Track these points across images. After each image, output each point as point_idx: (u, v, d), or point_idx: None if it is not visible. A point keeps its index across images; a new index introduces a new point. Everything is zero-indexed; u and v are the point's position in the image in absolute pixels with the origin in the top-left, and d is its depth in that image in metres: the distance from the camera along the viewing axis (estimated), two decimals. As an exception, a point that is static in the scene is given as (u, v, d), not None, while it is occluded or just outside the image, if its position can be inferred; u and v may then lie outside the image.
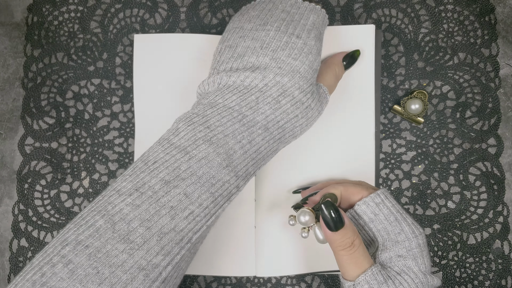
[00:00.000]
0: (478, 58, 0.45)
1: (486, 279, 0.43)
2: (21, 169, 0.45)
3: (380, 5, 0.46)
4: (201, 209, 0.29)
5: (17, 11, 0.48)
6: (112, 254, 0.26)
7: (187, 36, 0.44)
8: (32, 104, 0.46)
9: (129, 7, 0.47)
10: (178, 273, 0.30)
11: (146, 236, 0.27)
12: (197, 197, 0.28)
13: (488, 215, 0.44)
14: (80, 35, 0.47)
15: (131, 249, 0.26)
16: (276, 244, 0.42)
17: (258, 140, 0.31)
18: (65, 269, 0.25)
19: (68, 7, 0.47)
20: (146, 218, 0.27)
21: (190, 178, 0.28)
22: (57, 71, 0.46)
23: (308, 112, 0.34)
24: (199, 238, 0.30)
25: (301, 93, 0.33)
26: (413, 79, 0.46)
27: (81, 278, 0.25)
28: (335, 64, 0.40)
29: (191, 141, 0.29)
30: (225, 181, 0.30)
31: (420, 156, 0.45)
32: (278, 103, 0.32)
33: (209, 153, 0.29)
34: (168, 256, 0.28)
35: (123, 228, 0.27)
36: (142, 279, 0.26)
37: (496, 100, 0.45)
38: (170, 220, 0.28)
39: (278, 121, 0.32)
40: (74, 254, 0.26)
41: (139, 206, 0.28)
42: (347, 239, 0.32)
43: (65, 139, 0.46)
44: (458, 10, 0.46)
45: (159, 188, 0.28)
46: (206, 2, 0.47)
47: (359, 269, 0.31)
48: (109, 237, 0.27)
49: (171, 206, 0.28)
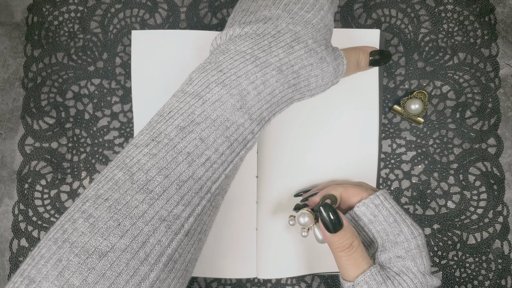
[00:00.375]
0: (478, 58, 0.45)
1: (486, 279, 0.43)
2: (21, 169, 0.46)
3: (380, 5, 0.46)
4: (217, 155, 0.28)
5: (17, 11, 0.48)
6: (132, 205, 0.26)
7: (186, 33, 0.44)
8: (32, 104, 0.46)
9: (129, 7, 0.47)
10: (201, 227, 0.29)
11: (165, 184, 0.26)
12: (212, 141, 0.28)
13: (488, 215, 0.44)
14: (80, 35, 0.47)
15: (151, 199, 0.26)
16: (278, 246, 0.42)
17: (272, 81, 0.30)
18: (86, 224, 0.25)
19: (68, 7, 0.47)
20: (163, 166, 0.27)
21: (205, 122, 0.28)
22: (57, 71, 0.46)
23: (323, 64, 0.33)
24: (219, 190, 0.30)
25: (314, 43, 0.32)
26: (413, 79, 0.46)
27: (103, 231, 0.25)
28: (362, 50, 0.38)
29: (204, 86, 0.29)
30: (240, 124, 0.29)
31: (420, 156, 0.45)
32: (291, 48, 0.31)
33: (222, 95, 0.29)
34: (188, 206, 0.27)
35: (142, 178, 0.26)
36: (164, 231, 0.26)
37: (496, 100, 0.45)
38: (188, 167, 0.27)
39: (292, 65, 0.31)
40: (94, 208, 0.25)
41: (156, 155, 0.27)
42: (346, 241, 0.32)
43: (65, 139, 0.46)
44: (458, 10, 0.46)
45: (175, 135, 0.28)
46: (206, 2, 0.47)
47: (358, 270, 0.32)
48: (128, 188, 0.26)
49: (188, 152, 0.27)
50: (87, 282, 0.23)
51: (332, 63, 0.34)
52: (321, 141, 0.43)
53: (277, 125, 0.43)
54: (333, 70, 0.34)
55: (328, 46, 0.34)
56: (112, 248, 0.24)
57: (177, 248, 0.27)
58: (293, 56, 0.31)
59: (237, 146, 0.29)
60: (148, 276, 0.25)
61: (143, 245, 0.25)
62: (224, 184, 0.30)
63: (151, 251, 0.25)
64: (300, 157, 0.42)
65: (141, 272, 0.25)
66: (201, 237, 0.30)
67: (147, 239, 0.25)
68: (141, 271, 0.25)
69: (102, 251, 0.24)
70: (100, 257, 0.24)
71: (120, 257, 0.24)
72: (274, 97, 0.31)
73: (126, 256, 0.24)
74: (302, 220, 0.35)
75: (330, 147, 0.43)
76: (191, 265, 0.30)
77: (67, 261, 0.24)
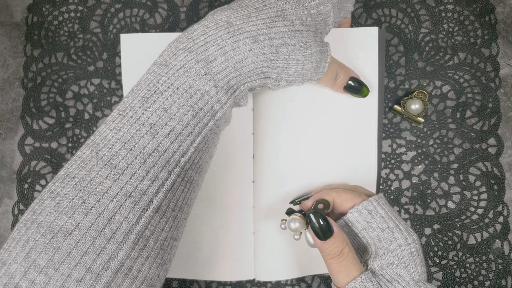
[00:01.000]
0: (478, 58, 0.45)
1: (486, 279, 0.43)
2: (21, 169, 0.45)
3: (380, 5, 0.46)
4: (182, 125, 0.27)
5: (17, 11, 0.48)
6: (97, 182, 0.25)
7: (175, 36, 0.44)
8: (32, 104, 0.46)
9: (129, 7, 0.47)
10: (175, 204, 0.28)
11: (128, 158, 0.25)
12: (176, 110, 0.27)
13: (488, 215, 0.44)
14: (80, 35, 0.47)
15: (115, 174, 0.25)
16: (275, 249, 0.42)
17: (244, 49, 0.28)
18: (52, 203, 0.25)
19: (68, 7, 0.47)
20: (127, 140, 0.26)
21: (168, 90, 0.27)
22: (57, 71, 0.46)
23: (307, 50, 0.31)
24: (192, 164, 0.28)
25: (302, 26, 0.30)
26: (413, 79, 0.46)
27: (67, 209, 0.24)
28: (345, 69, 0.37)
29: (171, 54, 0.28)
30: (204, 92, 0.27)
31: (420, 156, 0.45)
32: (274, 22, 0.29)
33: (188, 61, 0.27)
34: (155, 181, 0.26)
35: (106, 153, 0.26)
36: (131, 207, 0.25)
37: (496, 100, 0.45)
38: (152, 139, 0.26)
39: (272, 39, 0.29)
40: (62, 187, 0.25)
41: (121, 129, 0.26)
42: (336, 248, 0.32)
43: (65, 139, 0.46)
44: (458, 10, 0.46)
45: (140, 107, 0.27)
46: (206, 2, 0.47)
47: (348, 277, 0.31)
48: (93, 165, 0.25)
49: (151, 123, 0.26)
50: (52, 262, 0.23)
51: (316, 54, 0.32)
52: (319, 144, 0.42)
53: (273, 129, 0.42)
54: (315, 62, 0.32)
55: (316, 35, 0.32)
56: (77, 226, 0.24)
57: (147, 225, 0.26)
58: (273, 30, 0.29)
59: (204, 116, 0.28)
60: (117, 255, 0.24)
61: (109, 222, 0.24)
62: (196, 159, 0.29)
63: (118, 229, 0.24)
64: (297, 160, 0.42)
65: (108, 250, 0.24)
66: (176, 215, 0.28)
67: (112, 216, 0.24)
68: (108, 249, 0.24)
69: (67, 229, 0.23)
70: (65, 236, 0.23)
71: (85, 235, 0.23)
72: (245, 66, 0.29)
73: (91, 234, 0.24)
74: (293, 225, 0.36)
75: (328, 150, 0.42)
76: (169, 244, 0.28)
77: (34, 241, 0.23)
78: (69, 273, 0.23)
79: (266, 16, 0.29)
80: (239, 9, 0.29)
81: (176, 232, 0.29)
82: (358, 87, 0.37)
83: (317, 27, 0.32)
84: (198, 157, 0.29)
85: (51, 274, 0.23)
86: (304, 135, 0.42)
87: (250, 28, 0.28)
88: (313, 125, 0.42)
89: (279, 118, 0.42)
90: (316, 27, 0.32)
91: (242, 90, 0.30)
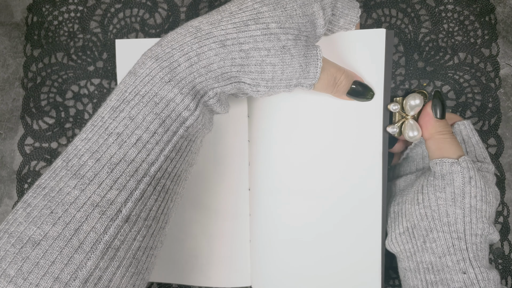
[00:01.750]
0: (478, 58, 0.45)
1: (486, 279, 0.43)
2: (21, 169, 0.45)
3: (380, 5, 0.46)
4: (149, 134, 0.27)
5: (17, 11, 0.48)
6: (65, 192, 0.25)
7: None
8: (32, 104, 0.46)
9: (129, 7, 0.47)
10: (147, 214, 0.27)
11: (96, 168, 0.26)
12: (141, 119, 0.27)
13: (488, 215, 0.44)
14: (80, 35, 0.47)
15: (82, 184, 0.25)
16: (272, 257, 0.41)
17: (210, 54, 0.28)
18: (23, 213, 0.25)
19: (68, 7, 0.47)
20: (95, 150, 0.26)
21: (134, 99, 0.27)
22: (57, 71, 0.46)
23: (285, 54, 0.29)
24: (164, 173, 0.28)
25: (279, 28, 0.29)
26: (413, 79, 0.46)
27: (36, 219, 0.24)
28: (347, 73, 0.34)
29: (141, 62, 0.28)
30: (170, 99, 0.27)
31: (420, 156, 0.45)
32: (245, 26, 0.28)
33: (153, 68, 0.27)
34: (123, 190, 0.26)
35: (75, 163, 0.26)
36: (98, 217, 0.25)
37: (496, 100, 0.45)
38: (118, 149, 0.26)
39: (241, 43, 0.28)
40: (33, 197, 0.26)
41: (90, 139, 0.27)
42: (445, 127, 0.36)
43: (65, 139, 0.46)
44: (458, 10, 0.46)
45: (108, 116, 0.27)
46: (206, 2, 0.47)
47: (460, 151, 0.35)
48: (63, 175, 0.26)
49: (118, 132, 0.26)
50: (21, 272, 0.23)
51: (299, 58, 0.30)
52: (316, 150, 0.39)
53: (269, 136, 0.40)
54: (299, 67, 0.30)
55: (299, 38, 0.30)
56: (44, 236, 0.24)
57: (117, 235, 0.25)
58: (244, 34, 0.28)
59: (171, 123, 0.28)
60: (85, 264, 0.24)
61: (76, 232, 0.24)
62: (169, 167, 0.28)
63: (85, 238, 0.24)
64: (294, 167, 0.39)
65: (76, 260, 0.24)
66: (150, 224, 0.28)
67: (80, 226, 0.24)
68: (76, 259, 0.24)
69: (35, 239, 0.24)
70: (34, 246, 0.24)
71: (53, 245, 0.24)
72: (210, 72, 0.28)
73: (58, 244, 0.24)
74: (413, 102, 0.37)
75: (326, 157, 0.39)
76: (144, 254, 0.28)
77: (5, 251, 0.24)
78: (38, 282, 0.23)
79: (238, 20, 0.28)
80: (214, 14, 0.29)
81: (152, 242, 0.29)
82: (362, 91, 0.35)
83: (300, 30, 0.30)
84: (171, 166, 0.29)
85: (20, 283, 0.23)
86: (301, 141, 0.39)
87: (218, 32, 0.28)
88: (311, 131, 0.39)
89: (275, 125, 0.40)
90: (299, 29, 0.30)
91: (212, 96, 0.30)
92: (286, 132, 0.39)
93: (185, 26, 0.29)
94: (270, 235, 0.41)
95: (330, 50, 0.36)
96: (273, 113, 0.40)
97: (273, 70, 0.30)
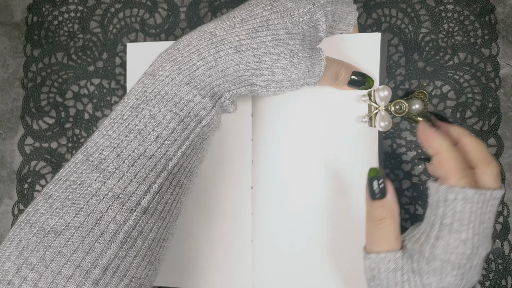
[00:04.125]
0: (478, 58, 0.45)
1: (486, 279, 0.43)
2: (21, 169, 0.45)
3: (380, 5, 0.46)
4: (168, 131, 0.28)
5: (17, 11, 0.48)
6: (86, 184, 0.26)
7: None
8: (32, 104, 0.46)
9: (129, 7, 0.47)
10: (163, 206, 0.29)
11: (117, 162, 0.27)
12: (162, 117, 0.28)
13: (488, 215, 0.44)
14: (80, 35, 0.47)
15: (103, 177, 0.26)
16: (274, 258, 0.41)
17: (226, 59, 0.30)
18: (45, 205, 0.26)
19: (68, 7, 0.47)
20: (116, 145, 0.27)
21: (154, 99, 0.29)
22: (57, 71, 0.46)
23: (293, 58, 0.32)
24: (180, 168, 0.30)
25: (287, 34, 0.31)
26: (413, 79, 0.46)
27: (58, 210, 0.25)
28: (346, 66, 0.37)
29: (159, 64, 0.30)
30: (189, 99, 0.29)
31: (420, 156, 0.45)
32: (257, 32, 0.30)
33: (173, 71, 0.29)
34: (143, 184, 0.27)
35: (96, 157, 0.27)
36: (119, 208, 0.26)
37: (496, 100, 0.45)
38: (139, 144, 0.28)
39: (254, 49, 0.30)
40: (54, 189, 0.27)
41: (111, 135, 0.28)
42: (378, 214, 0.31)
43: (65, 139, 0.46)
44: (458, 10, 0.46)
45: (129, 114, 0.29)
46: (206, 2, 0.47)
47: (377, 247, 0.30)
48: (84, 169, 0.27)
49: (138, 129, 0.28)
50: (44, 260, 0.24)
51: (305, 60, 0.32)
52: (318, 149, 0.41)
53: (272, 134, 0.41)
54: (306, 68, 0.33)
55: (305, 42, 0.32)
56: (67, 226, 0.25)
57: (135, 226, 0.27)
58: (256, 40, 0.30)
59: (190, 122, 0.29)
60: (105, 253, 0.25)
61: (97, 222, 0.25)
62: (184, 163, 0.30)
63: (106, 228, 0.25)
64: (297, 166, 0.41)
65: (97, 249, 0.25)
66: (165, 216, 0.29)
67: (101, 217, 0.25)
68: (97, 248, 0.25)
69: (57, 229, 0.25)
70: (56, 235, 0.25)
71: (75, 235, 0.25)
72: (227, 75, 0.31)
73: (80, 233, 0.25)
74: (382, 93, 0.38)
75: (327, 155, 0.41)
76: (158, 245, 0.30)
77: (27, 241, 0.25)
78: (59, 270, 0.24)
79: (249, 26, 0.30)
80: (226, 20, 0.31)
81: (165, 233, 0.30)
82: (362, 80, 0.38)
83: (305, 35, 0.32)
84: (186, 162, 0.30)
85: (42, 271, 0.24)
86: (304, 140, 0.41)
87: (232, 38, 0.30)
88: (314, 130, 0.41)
89: (278, 123, 0.41)
90: (304, 35, 0.32)
91: (228, 98, 0.32)
92: (290, 130, 0.41)
93: (199, 31, 0.31)
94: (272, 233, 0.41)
95: (329, 52, 0.38)
96: (277, 112, 0.41)
97: (283, 72, 0.32)
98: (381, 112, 0.40)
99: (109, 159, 0.27)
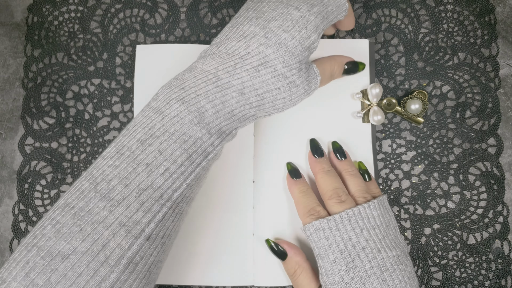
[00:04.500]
0: (478, 58, 0.45)
1: (486, 279, 0.43)
2: (21, 169, 0.46)
3: (380, 5, 0.46)
4: (176, 166, 0.30)
5: (17, 11, 0.48)
6: (94, 212, 0.28)
7: (188, 47, 0.45)
8: (32, 104, 0.46)
9: (129, 7, 0.47)
10: (164, 232, 0.31)
11: (124, 193, 0.28)
12: (170, 153, 0.30)
13: (488, 215, 0.44)
14: (80, 35, 0.47)
15: (111, 206, 0.28)
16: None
17: (232, 102, 0.32)
18: (52, 229, 0.27)
19: (68, 7, 0.47)
20: (124, 176, 0.29)
21: (163, 136, 0.30)
22: (57, 71, 0.46)
23: (292, 88, 0.34)
24: (183, 198, 0.31)
25: (284, 68, 0.32)
26: (413, 79, 0.46)
27: (66, 235, 0.27)
28: (337, 62, 0.40)
29: (165, 102, 0.31)
30: (197, 138, 0.31)
31: (420, 156, 0.45)
32: (257, 72, 0.32)
33: (181, 111, 0.30)
34: (148, 213, 0.29)
35: (104, 187, 0.28)
36: (124, 235, 0.27)
37: (496, 100, 0.45)
38: (147, 177, 0.29)
39: (256, 89, 0.32)
40: (62, 215, 0.28)
41: (118, 166, 0.29)
42: (289, 269, 0.38)
43: (65, 139, 0.46)
44: (458, 10, 0.46)
45: (136, 148, 0.30)
46: (206, 2, 0.47)
47: None
48: (92, 197, 0.28)
49: (147, 163, 0.29)
50: (49, 282, 0.25)
51: (303, 85, 0.35)
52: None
53: (273, 130, 0.43)
54: (304, 91, 0.35)
55: (301, 69, 0.34)
56: (74, 251, 0.26)
57: (138, 251, 0.28)
58: (257, 80, 0.32)
59: (197, 157, 0.31)
60: (109, 277, 0.27)
61: (103, 248, 0.27)
62: (188, 193, 0.32)
63: (111, 254, 0.27)
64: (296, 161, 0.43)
65: (101, 273, 0.26)
66: (164, 241, 0.31)
67: (107, 243, 0.27)
68: (101, 272, 0.26)
69: (64, 253, 0.26)
70: (63, 259, 0.26)
71: (81, 259, 0.26)
72: (234, 116, 0.33)
73: (86, 258, 0.26)
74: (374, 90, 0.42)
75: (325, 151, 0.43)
76: (155, 267, 0.31)
77: (33, 263, 0.26)
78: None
79: (249, 66, 0.32)
80: (225, 57, 0.32)
81: (163, 256, 0.32)
82: (354, 68, 0.41)
83: (302, 61, 0.34)
84: (189, 191, 0.32)
85: None
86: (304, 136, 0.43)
87: (236, 82, 0.32)
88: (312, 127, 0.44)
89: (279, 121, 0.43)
90: (300, 61, 0.34)
91: (234, 134, 0.35)
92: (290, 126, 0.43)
93: (202, 71, 0.32)
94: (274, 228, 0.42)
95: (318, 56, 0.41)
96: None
97: (283, 101, 0.34)
98: (374, 108, 0.43)
99: (117, 189, 0.28)
